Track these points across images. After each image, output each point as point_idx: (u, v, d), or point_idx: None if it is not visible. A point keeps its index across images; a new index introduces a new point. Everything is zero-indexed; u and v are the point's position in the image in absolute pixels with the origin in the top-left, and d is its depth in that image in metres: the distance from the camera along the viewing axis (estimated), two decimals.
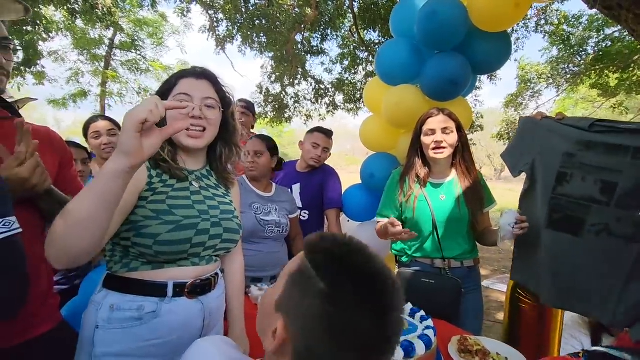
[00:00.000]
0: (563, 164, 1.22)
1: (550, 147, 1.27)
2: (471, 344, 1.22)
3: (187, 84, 0.99)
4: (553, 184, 1.24)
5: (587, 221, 1.16)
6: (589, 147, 1.17)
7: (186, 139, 0.98)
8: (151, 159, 0.95)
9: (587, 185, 1.16)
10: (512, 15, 1.58)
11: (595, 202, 1.15)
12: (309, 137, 2.16)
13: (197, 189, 1.02)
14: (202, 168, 1.10)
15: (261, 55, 7.76)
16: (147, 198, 0.92)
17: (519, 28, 7.24)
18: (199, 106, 0.97)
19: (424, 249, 1.59)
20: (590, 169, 1.16)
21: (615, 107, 9.64)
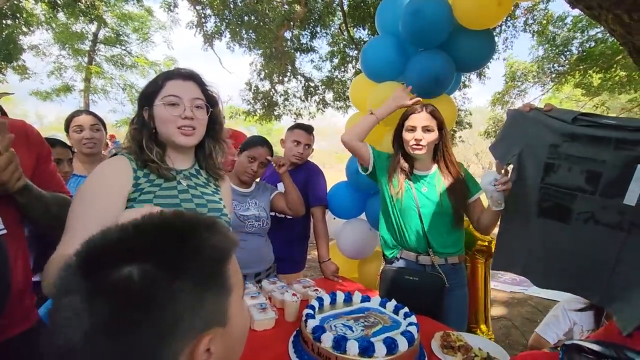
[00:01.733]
0: (549, 155, 1.24)
1: (536, 138, 1.29)
2: (454, 339, 1.23)
3: (175, 85, 1.01)
4: (541, 174, 1.26)
5: (575, 209, 1.19)
6: (573, 138, 1.19)
7: (179, 137, 1.01)
8: (139, 160, 0.98)
9: (574, 175, 1.19)
10: (495, 14, 1.59)
11: (581, 191, 1.18)
12: (289, 134, 2.13)
13: (184, 187, 1.04)
14: (191, 167, 1.11)
15: (250, 52, 7.70)
16: (135, 199, 0.94)
17: (508, 27, 7.33)
18: (190, 107, 1.00)
19: (410, 242, 1.60)
20: (575, 159, 1.19)
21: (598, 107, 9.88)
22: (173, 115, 0.98)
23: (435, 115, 1.56)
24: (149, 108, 1.01)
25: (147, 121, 1.02)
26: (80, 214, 0.89)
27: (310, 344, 1.10)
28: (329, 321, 1.22)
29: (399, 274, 1.58)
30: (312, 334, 1.10)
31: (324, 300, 1.36)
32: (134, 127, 1.03)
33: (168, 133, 1.00)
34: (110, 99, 10.72)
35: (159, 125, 1.01)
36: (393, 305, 1.34)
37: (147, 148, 0.99)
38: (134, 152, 0.99)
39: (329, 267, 1.98)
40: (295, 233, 2.10)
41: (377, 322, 1.24)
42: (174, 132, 1.00)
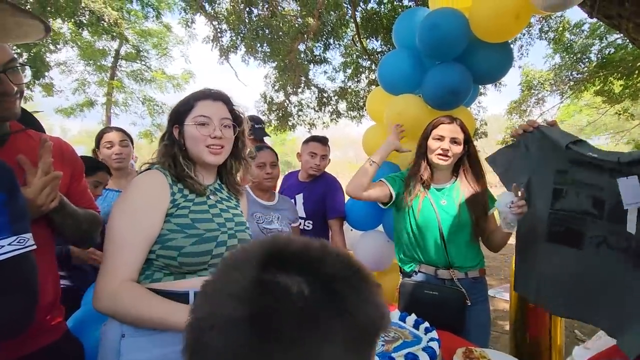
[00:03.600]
0: (556, 181, 1.26)
1: (542, 165, 1.31)
2: (476, 356, 1.21)
3: (205, 105, 1.06)
4: (550, 200, 1.27)
5: (587, 233, 1.18)
6: (579, 164, 1.21)
7: (208, 156, 1.05)
8: (175, 175, 1.03)
9: (581, 200, 1.20)
10: (513, 27, 1.59)
11: (589, 215, 1.18)
12: (305, 147, 2.16)
13: (213, 202, 1.09)
14: (214, 182, 1.16)
15: (264, 64, 7.85)
16: (172, 214, 0.98)
17: (523, 35, 7.27)
18: (219, 127, 1.05)
19: (429, 255, 1.59)
20: (582, 185, 1.20)
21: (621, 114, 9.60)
22: (203, 134, 1.03)
23: (463, 129, 1.57)
24: (180, 126, 1.06)
25: (177, 138, 1.06)
26: (125, 231, 0.92)
27: None
28: None
29: (418, 288, 1.56)
30: None
31: None
32: (165, 143, 1.07)
33: (198, 151, 1.04)
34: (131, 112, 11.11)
35: (190, 143, 1.05)
36: (413, 320, 1.32)
37: (180, 164, 1.03)
38: (167, 167, 1.03)
39: None
40: None
41: (398, 337, 1.23)
42: (203, 150, 1.04)
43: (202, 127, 1.04)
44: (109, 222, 0.94)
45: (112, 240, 0.92)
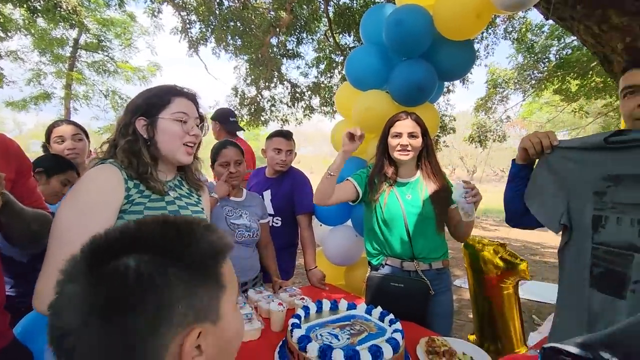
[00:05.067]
0: (595, 206, 1.03)
1: (577, 187, 1.08)
2: (438, 345, 1.25)
3: (183, 103, 1.06)
4: (590, 231, 1.03)
5: (631, 277, 0.93)
6: (618, 181, 0.98)
7: (183, 155, 1.06)
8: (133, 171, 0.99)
9: (624, 228, 0.96)
10: (474, 25, 1.64)
11: (635, 250, 0.93)
12: (269, 143, 2.11)
13: (172, 199, 1.06)
14: (174, 178, 1.14)
15: (236, 57, 7.68)
16: (126, 210, 0.95)
17: (489, 35, 7.53)
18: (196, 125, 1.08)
19: (395, 248, 1.62)
20: (624, 208, 0.96)
21: (577, 111, 10.23)
22: (182, 131, 1.03)
23: (419, 122, 1.61)
24: (150, 120, 1.02)
25: (140, 133, 1.02)
26: (74, 225, 0.86)
27: (296, 354, 1.10)
28: (315, 330, 1.22)
29: (384, 281, 1.60)
30: (297, 344, 1.10)
31: (310, 309, 1.36)
32: (127, 138, 1.01)
33: (173, 148, 1.04)
34: (92, 106, 10.48)
35: (164, 138, 1.03)
36: (379, 312, 1.35)
37: (143, 162, 1.00)
38: (126, 163, 0.99)
39: (315, 274, 1.98)
40: (283, 242, 2.09)
41: (363, 329, 1.25)
42: (180, 148, 1.04)
43: (182, 124, 1.03)
44: (55, 217, 0.89)
45: (57, 237, 0.86)
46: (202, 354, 0.44)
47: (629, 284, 0.93)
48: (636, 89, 1.00)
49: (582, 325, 1.04)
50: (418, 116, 1.62)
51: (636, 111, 1.00)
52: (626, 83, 1.04)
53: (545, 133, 1.15)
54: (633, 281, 0.92)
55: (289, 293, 1.65)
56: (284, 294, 1.64)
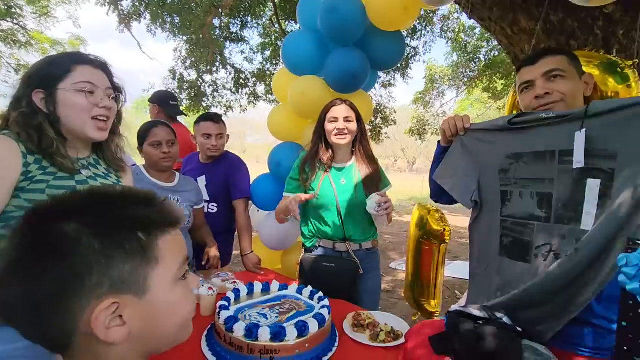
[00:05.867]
0: (501, 182, 1.13)
1: (485, 166, 1.18)
2: (364, 318, 1.32)
3: (87, 71, 0.95)
4: (499, 205, 1.14)
5: (533, 243, 1.04)
6: (518, 158, 1.09)
7: (93, 130, 0.96)
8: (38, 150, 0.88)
9: (525, 201, 1.07)
10: (403, 18, 1.73)
11: (536, 220, 1.04)
12: (197, 129, 2.01)
13: (84, 178, 0.97)
14: (89, 156, 1.05)
15: (174, 37, 7.16)
16: (24, 188, 0.85)
17: (427, 32, 7.95)
18: (106, 96, 0.97)
19: (327, 231, 1.68)
20: (524, 182, 1.07)
21: (501, 109, 11.30)
22: (89, 103, 0.92)
23: (353, 108, 1.67)
24: (48, 92, 0.91)
25: (39, 107, 0.91)
26: None
27: (223, 335, 1.09)
28: (244, 311, 1.23)
29: (316, 262, 1.65)
30: (224, 325, 1.10)
31: (240, 292, 1.36)
32: (22, 111, 0.90)
33: (81, 123, 0.93)
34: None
35: (68, 112, 0.92)
36: (309, 291, 1.39)
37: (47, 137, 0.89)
38: (27, 139, 0.88)
39: (251, 259, 1.97)
40: (219, 228, 2.04)
41: (292, 308, 1.28)
42: (88, 122, 0.94)
43: (88, 95, 0.93)
44: None
45: None
46: (124, 324, 0.44)
47: (532, 249, 1.05)
48: (530, 84, 1.14)
49: (495, 291, 1.14)
50: (352, 102, 1.68)
51: (533, 103, 1.13)
52: (521, 80, 1.18)
53: (460, 117, 1.25)
54: (535, 247, 1.04)
55: (221, 278, 1.62)
56: (217, 279, 1.61)
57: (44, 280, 0.41)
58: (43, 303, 0.41)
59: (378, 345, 1.17)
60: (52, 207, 0.45)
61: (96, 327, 0.42)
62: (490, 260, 1.18)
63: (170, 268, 0.49)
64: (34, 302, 0.41)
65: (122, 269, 0.44)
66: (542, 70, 1.10)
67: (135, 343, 0.47)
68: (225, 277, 1.65)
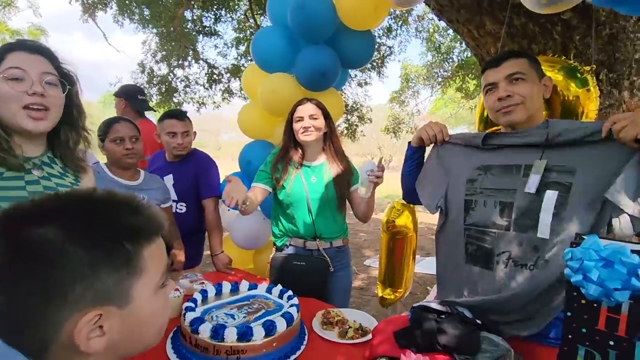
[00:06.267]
0: (467, 192, 1.19)
1: (455, 176, 1.24)
2: (333, 315, 1.33)
3: (19, 57, 0.87)
4: (463, 214, 1.19)
5: (495, 251, 1.10)
6: (487, 170, 1.16)
7: (26, 121, 0.87)
8: None
9: (489, 210, 1.12)
10: (372, 17, 1.75)
11: (497, 228, 1.10)
12: (161, 127, 1.94)
13: (35, 178, 0.91)
14: (43, 154, 0.97)
15: (143, 29, 6.89)
16: None
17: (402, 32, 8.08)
18: (39, 82, 0.86)
19: (298, 229, 1.68)
20: (489, 192, 1.13)
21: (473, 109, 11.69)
22: (16, 91, 0.84)
23: (319, 106, 1.67)
24: None
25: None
26: None
27: (188, 337, 1.07)
28: (211, 312, 1.21)
29: (287, 261, 1.64)
30: (189, 326, 1.07)
31: (208, 293, 1.34)
32: None
33: (11, 114, 0.85)
34: None
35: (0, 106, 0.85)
36: (279, 290, 1.38)
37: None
38: None
39: (221, 259, 1.93)
40: (188, 228, 1.99)
41: (261, 307, 1.27)
42: (19, 113, 0.85)
43: (15, 83, 0.84)
44: None
45: None
46: (104, 335, 0.43)
47: (494, 256, 1.10)
48: (494, 86, 1.19)
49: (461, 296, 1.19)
50: (319, 101, 1.69)
51: (496, 104, 1.18)
52: (485, 82, 1.22)
53: (439, 127, 1.31)
54: (497, 254, 1.09)
55: (189, 279, 1.59)
56: (184, 280, 1.57)
57: (24, 289, 0.40)
58: (24, 313, 0.40)
59: (346, 342, 1.19)
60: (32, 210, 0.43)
61: (78, 338, 0.41)
62: (456, 266, 1.22)
63: (153, 278, 0.49)
64: (15, 311, 0.40)
65: (107, 281, 0.43)
66: (505, 73, 1.14)
67: (112, 350, 0.46)
68: (193, 278, 1.61)
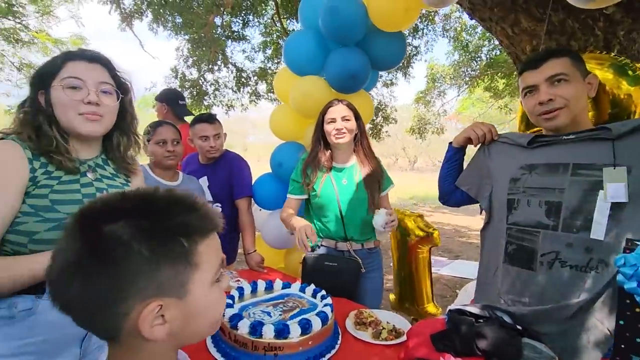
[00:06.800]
0: (509, 191, 1.16)
1: (499, 175, 1.22)
2: (366, 316, 1.34)
3: (77, 67, 0.92)
4: (505, 213, 1.16)
5: (538, 251, 1.06)
6: (531, 169, 1.13)
7: (82, 125, 0.91)
8: (36, 149, 0.87)
9: (533, 209, 1.09)
10: (403, 18, 1.74)
11: (542, 227, 1.06)
12: (193, 131, 2.01)
13: (89, 181, 0.96)
14: (97, 157, 1.02)
15: (176, 36, 7.18)
16: (29, 193, 0.84)
17: (429, 31, 7.95)
18: (95, 92, 0.91)
19: (329, 230, 1.69)
20: (533, 191, 1.10)
21: (502, 108, 11.29)
22: (74, 99, 0.89)
23: (350, 107, 1.68)
24: (45, 91, 0.90)
25: (42, 106, 0.91)
26: None
27: (227, 332, 1.11)
28: (248, 309, 1.24)
29: (319, 261, 1.66)
30: (229, 322, 1.11)
31: (244, 290, 1.38)
32: (24, 110, 0.91)
33: (68, 120, 0.90)
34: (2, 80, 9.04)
35: (58, 111, 0.90)
36: (312, 290, 1.41)
37: (46, 136, 0.88)
38: (27, 139, 0.88)
39: (253, 258, 1.99)
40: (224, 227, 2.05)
41: (296, 306, 1.29)
42: (75, 118, 0.90)
43: (73, 91, 0.89)
44: None
45: None
46: (165, 323, 0.47)
47: (537, 256, 1.06)
48: (534, 89, 1.13)
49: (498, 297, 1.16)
50: (349, 102, 1.70)
51: (537, 108, 1.13)
52: (524, 84, 1.17)
53: (488, 127, 1.29)
54: (540, 254, 1.06)
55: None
56: None
57: (97, 282, 0.44)
58: (96, 302, 0.44)
59: (380, 343, 1.19)
60: (103, 209, 0.47)
61: (142, 326, 0.45)
62: (497, 266, 1.20)
63: (209, 272, 0.52)
64: (89, 300, 0.44)
65: (167, 274, 0.46)
66: (546, 74, 1.09)
67: (171, 339, 0.50)
68: (230, 275, 1.67)
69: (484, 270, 1.29)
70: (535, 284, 1.06)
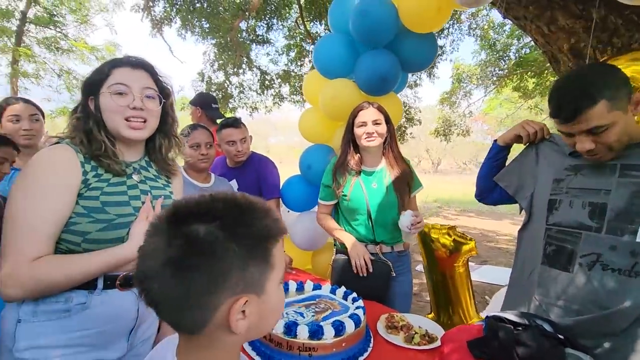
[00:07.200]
0: (552, 191, 1.14)
1: (544, 174, 1.20)
2: (397, 320, 1.33)
3: (123, 73, 0.95)
4: (545, 213, 1.14)
5: (577, 252, 1.03)
6: (577, 170, 1.10)
7: (127, 130, 0.96)
8: (87, 153, 0.93)
9: (575, 210, 1.06)
10: (436, 19, 1.72)
11: (584, 229, 1.03)
12: (220, 136, 2.04)
13: (135, 182, 1.01)
14: (141, 159, 1.07)
15: (203, 41, 7.40)
16: (82, 195, 0.89)
17: (454, 30, 7.79)
18: (140, 97, 0.95)
19: (359, 234, 1.69)
20: (576, 192, 1.07)
21: (532, 108, 10.88)
22: (120, 105, 0.93)
23: (381, 110, 1.67)
24: (95, 97, 0.96)
25: (92, 112, 0.96)
26: (30, 212, 0.83)
27: None
28: None
29: (348, 263, 1.66)
30: None
31: None
32: (76, 116, 0.96)
33: (115, 124, 0.95)
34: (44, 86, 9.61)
35: (106, 116, 0.95)
36: (343, 292, 1.41)
37: (96, 140, 0.93)
38: (79, 143, 0.93)
39: None
40: None
41: (327, 307, 1.30)
42: (121, 124, 0.94)
43: (119, 97, 0.94)
44: (9, 202, 0.84)
45: (14, 222, 0.83)
46: (245, 318, 0.51)
47: (576, 258, 1.03)
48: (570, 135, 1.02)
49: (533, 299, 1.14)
50: (380, 105, 1.68)
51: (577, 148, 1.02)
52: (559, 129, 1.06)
53: (540, 125, 1.24)
54: (580, 255, 1.03)
55: None
56: None
57: (195, 277, 0.47)
58: (191, 296, 0.47)
59: (413, 348, 1.18)
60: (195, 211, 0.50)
61: (231, 320, 0.50)
62: (533, 268, 1.17)
63: (279, 273, 0.56)
64: (184, 294, 0.47)
65: (253, 272, 0.51)
66: (582, 128, 0.97)
67: (248, 332, 0.54)
68: None
69: (519, 272, 1.26)
70: (574, 287, 1.03)
